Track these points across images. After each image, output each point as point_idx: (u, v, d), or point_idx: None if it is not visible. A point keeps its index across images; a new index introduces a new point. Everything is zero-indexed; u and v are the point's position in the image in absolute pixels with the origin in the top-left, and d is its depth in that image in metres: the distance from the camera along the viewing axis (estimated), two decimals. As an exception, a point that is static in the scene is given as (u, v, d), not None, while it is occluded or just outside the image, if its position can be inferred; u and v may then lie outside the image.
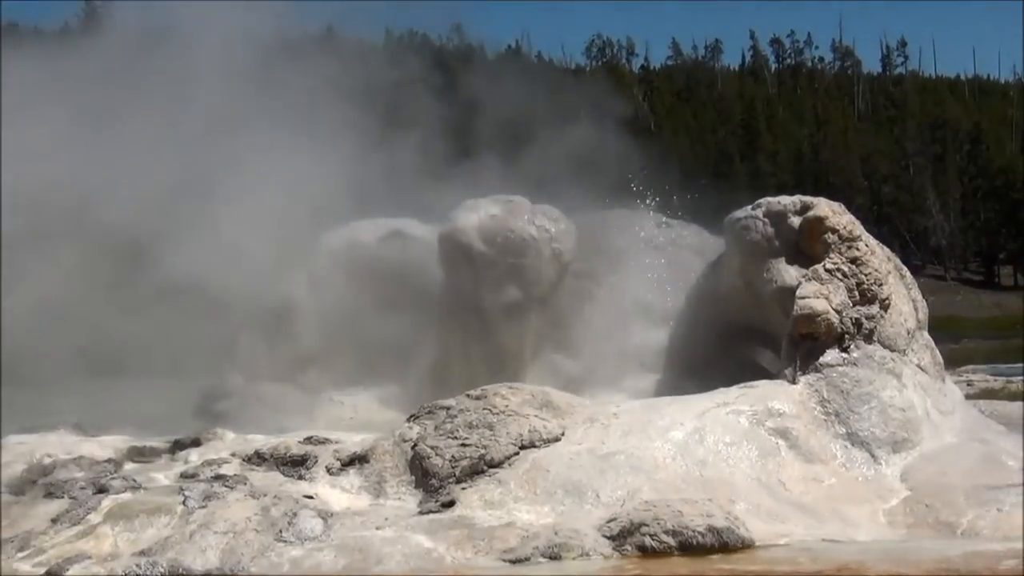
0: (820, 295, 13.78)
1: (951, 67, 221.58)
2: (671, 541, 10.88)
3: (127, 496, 12.10)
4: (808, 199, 14.60)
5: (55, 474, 12.89)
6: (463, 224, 18.17)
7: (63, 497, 12.20)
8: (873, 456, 12.97)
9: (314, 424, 17.20)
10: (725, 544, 10.89)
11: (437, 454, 12.46)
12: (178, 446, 14.24)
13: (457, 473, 12.19)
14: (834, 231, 14.15)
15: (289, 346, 20.77)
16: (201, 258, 19.96)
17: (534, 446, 12.55)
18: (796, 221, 14.39)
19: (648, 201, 20.88)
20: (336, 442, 13.34)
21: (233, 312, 21.11)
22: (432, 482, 12.24)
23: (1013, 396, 19.61)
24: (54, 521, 11.69)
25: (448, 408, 13.32)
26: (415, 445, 12.75)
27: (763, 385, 13.73)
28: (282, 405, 19.84)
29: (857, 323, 13.80)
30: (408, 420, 13.49)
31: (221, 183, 21.03)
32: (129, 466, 13.64)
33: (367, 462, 12.81)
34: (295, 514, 11.49)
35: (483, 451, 12.36)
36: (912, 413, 13.50)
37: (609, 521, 11.22)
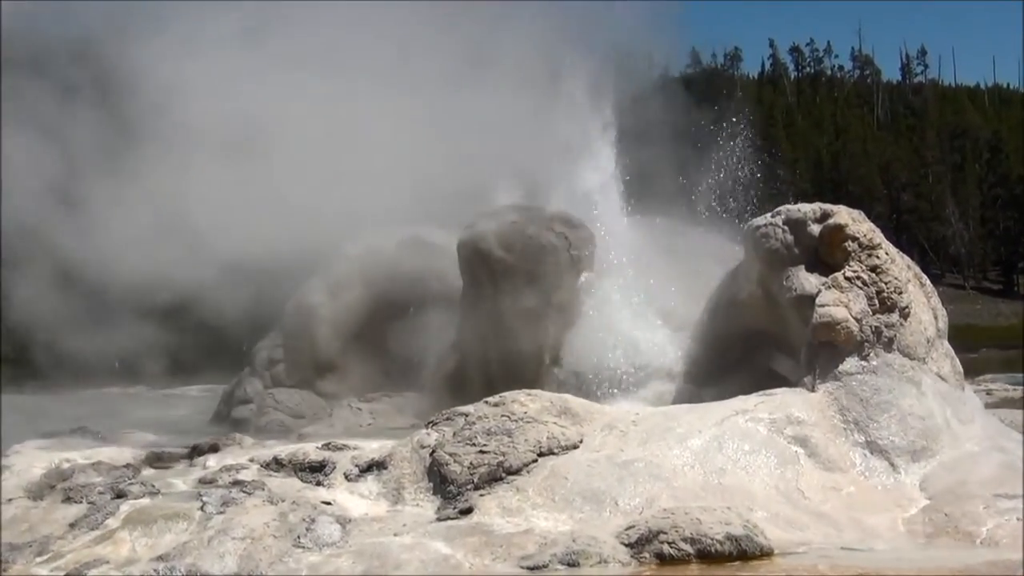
0: (840, 303, 13.74)
1: (971, 76, 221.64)
2: (689, 549, 10.85)
3: (145, 501, 12.12)
4: (828, 207, 14.57)
5: (73, 479, 12.92)
6: (482, 230, 18.20)
7: (81, 502, 12.22)
8: (892, 465, 12.91)
9: (332, 430, 17.25)
10: (744, 552, 10.85)
11: (455, 461, 12.45)
12: (196, 452, 14.28)
13: (475, 480, 12.18)
14: (854, 239, 14.12)
15: (308, 352, 20.84)
16: None
17: (552, 453, 12.54)
18: (816, 229, 14.35)
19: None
20: (354, 448, 13.35)
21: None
22: (450, 489, 12.23)
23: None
24: (72, 526, 11.71)
25: (466, 415, 13.32)
26: (433, 452, 12.74)
27: (782, 393, 13.70)
28: (300, 411, 19.90)
29: (877, 331, 13.76)
30: (426, 426, 13.49)
31: None
32: (147, 471, 13.68)
33: (385, 468, 12.81)
34: (313, 520, 11.49)
35: (501, 458, 12.35)
36: (931, 422, 13.45)
37: (627, 528, 11.18)
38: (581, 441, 12.83)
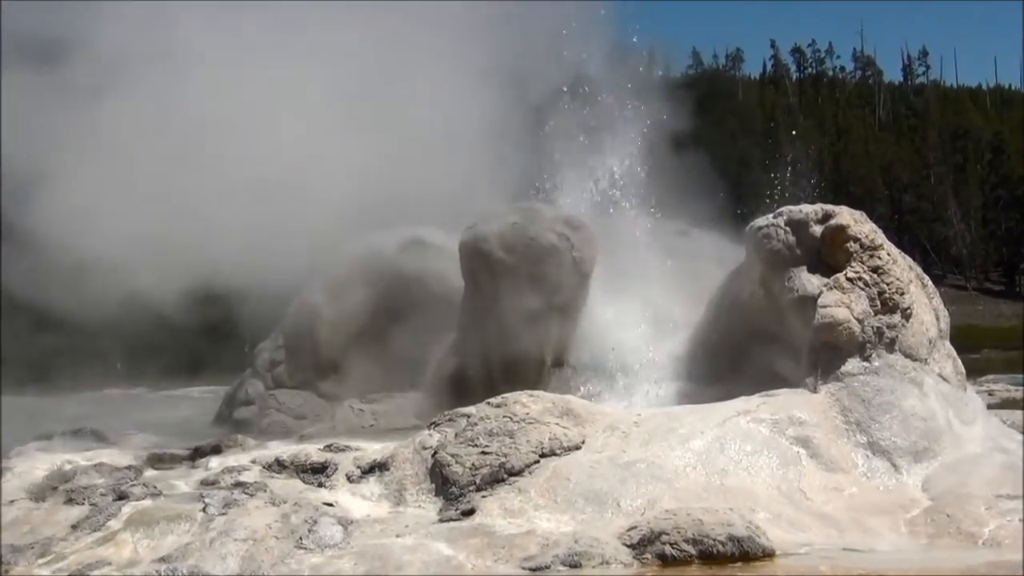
0: (842, 304, 13.74)
1: (972, 76, 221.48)
2: (691, 550, 10.85)
3: (147, 503, 12.12)
4: (830, 207, 14.57)
5: (75, 480, 12.92)
6: (483, 232, 18.16)
7: (83, 504, 12.23)
8: (894, 465, 12.90)
9: (334, 431, 17.25)
10: (745, 553, 10.85)
11: (457, 462, 12.45)
12: (198, 453, 14.30)
13: (477, 481, 12.18)
14: (856, 240, 14.12)
15: (310, 353, 20.84)
16: None
17: (554, 454, 12.54)
18: (818, 230, 14.35)
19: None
20: (356, 449, 13.38)
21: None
22: (452, 490, 12.23)
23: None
24: (74, 527, 11.71)
25: (468, 416, 13.32)
26: (435, 453, 12.75)
27: (784, 394, 13.70)
28: (302, 412, 19.89)
29: (879, 332, 13.75)
30: (428, 428, 13.49)
31: None
32: (149, 473, 13.69)
33: (387, 470, 12.82)
34: (315, 521, 11.50)
35: (503, 459, 12.35)
36: (933, 422, 13.44)
37: (629, 530, 11.18)
38: (583, 442, 12.84)
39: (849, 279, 13.97)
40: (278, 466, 13.19)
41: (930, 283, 15.34)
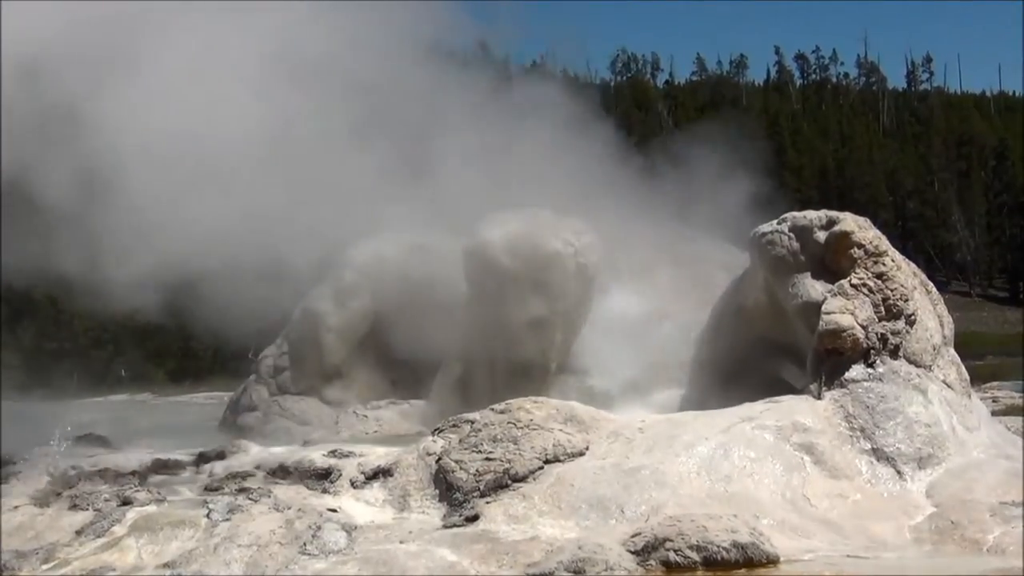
0: (846, 310, 13.73)
1: (976, 83, 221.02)
2: (695, 556, 10.83)
3: (152, 508, 12.11)
4: (834, 214, 14.56)
5: (80, 486, 12.93)
6: (488, 238, 18.18)
7: (88, 509, 12.22)
8: (899, 472, 12.88)
9: (338, 437, 17.26)
10: (750, 559, 10.83)
11: (461, 468, 12.44)
12: (202, 459, 14.30)
13: (481, 487, 12.17)
14: (860, 246, 14.10)
15: (314, 359, 20.82)
16: None
17: (558, 460, 12.53)
18: (822, 236, 14.34)
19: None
20: (360, 455, 13.36)
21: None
22: (456, 496, 12.23)
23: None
24: (78, 533, 11.70)
25: (472, 422, 13.31)
26: (439, 459, 12.74)
27: (788, 400, 13.68)
28: (306, 418, 19.89)
29: (883, 338, 13.74)
30: (432, 434, 13.49)
31: None
32: (153, 478, 13.69)
33: (391, 475, 12.81)
34: (319, 527, 11.49)
35: (507, 465, 12.34)
36: (938, 429, 13.42)
37: (633, 536, 11.17)
38: (587, 448, 12.82)
39: (853, 285, 13.95)
40: (282, 472, 13.19)
41: (934, 289, 15.33)
